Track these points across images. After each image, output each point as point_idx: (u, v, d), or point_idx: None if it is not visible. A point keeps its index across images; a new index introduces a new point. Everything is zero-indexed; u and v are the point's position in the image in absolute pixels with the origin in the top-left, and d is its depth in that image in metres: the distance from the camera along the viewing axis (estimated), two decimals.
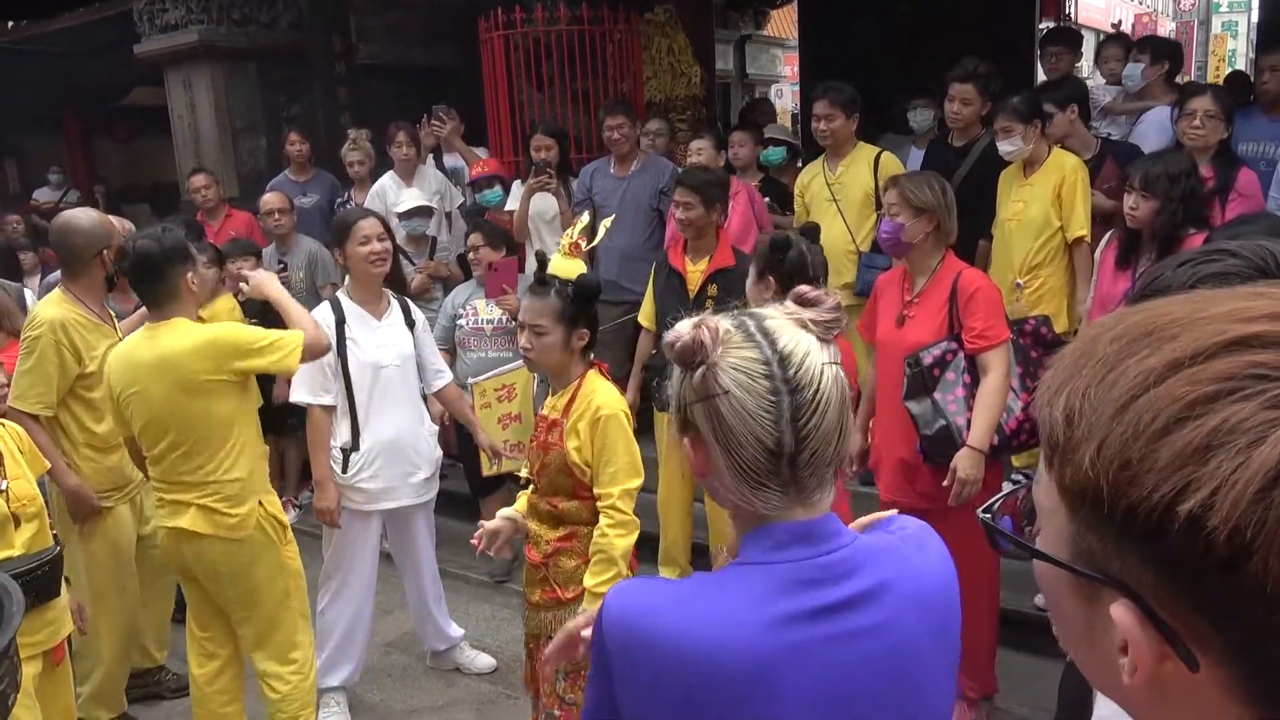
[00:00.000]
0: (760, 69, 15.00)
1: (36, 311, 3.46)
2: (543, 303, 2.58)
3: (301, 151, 6.05)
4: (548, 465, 2.60)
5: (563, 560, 2.63)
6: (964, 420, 3.02)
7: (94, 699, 3.57)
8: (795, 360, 1.09)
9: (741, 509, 1.14)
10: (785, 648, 1.07)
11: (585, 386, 2.62)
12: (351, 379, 3.45)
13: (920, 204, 3.05)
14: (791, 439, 1.08)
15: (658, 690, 1.10)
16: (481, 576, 4.70)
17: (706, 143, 4.87)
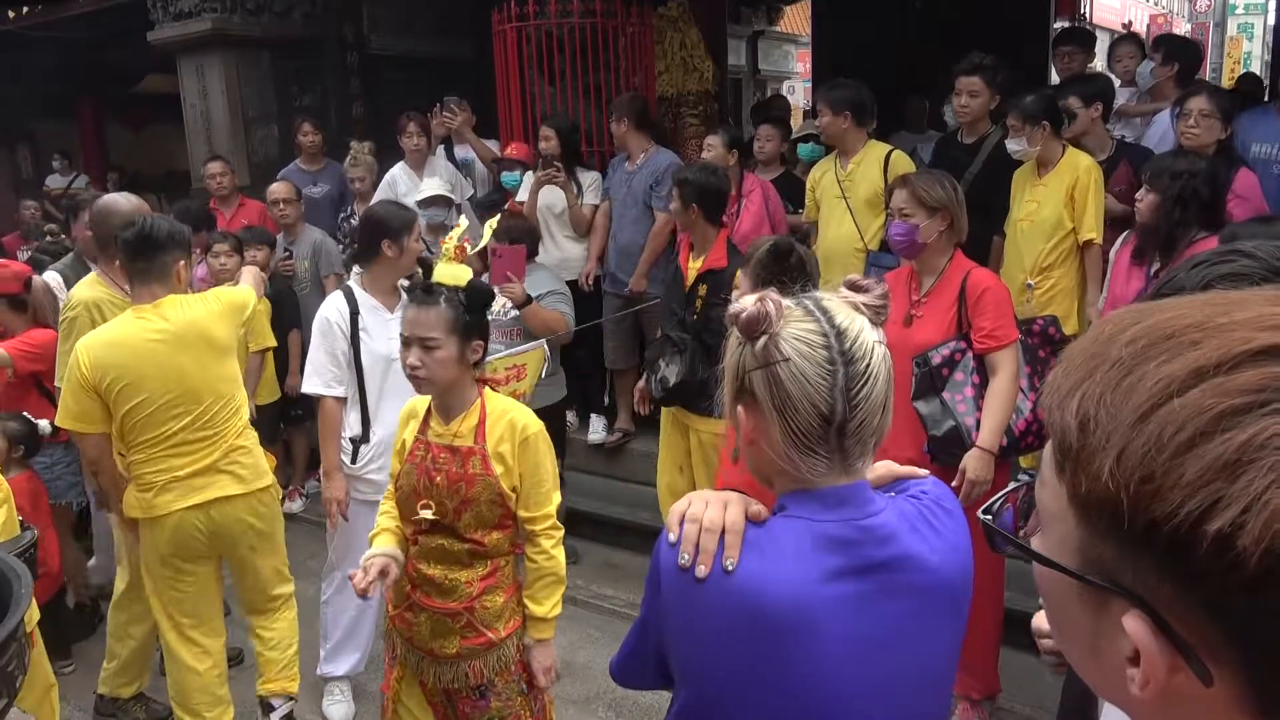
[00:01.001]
0: (773, 65, 14.97)
1: (72, 293, 3.53)
2: (432, 313, 2.34)
3: (313, 142, 6.06)
4: (472, 500, 2.36)
5: (489, 599, 2.42)
6: (973, 421, 3.00)
7: (119, 673, 3.60)
8: (850, 335, 1.20)
9: (786, 474, 1.23)
10: (830, 599, 1.18)
11: (491, 406, 2.42)
12: (364, 370, 3.45)
13: (934, 203, 3.01)
14: (844, 407, 1.18)
15: (714, 632, 1.20)
16: None
17: (717, 139, 4.85)
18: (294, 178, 5.94)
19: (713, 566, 1.18)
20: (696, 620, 1.21)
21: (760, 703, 1.20)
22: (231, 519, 3.18)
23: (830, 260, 4.49)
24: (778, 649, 1.17)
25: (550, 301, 4.18)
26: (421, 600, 2.44)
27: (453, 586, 2.40)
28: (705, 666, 1.23)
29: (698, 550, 1.19)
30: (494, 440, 2.37)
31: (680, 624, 1.23)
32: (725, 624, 1.19)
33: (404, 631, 2.51)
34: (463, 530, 2.37)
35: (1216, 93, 4.03)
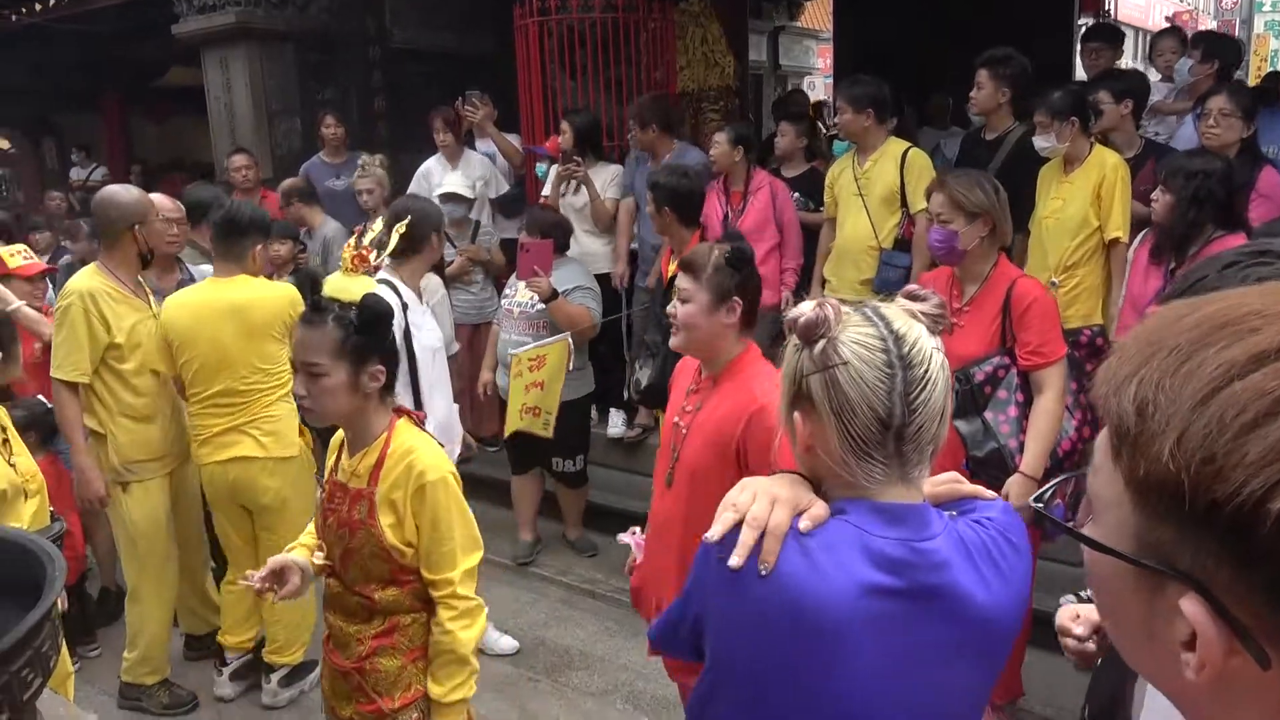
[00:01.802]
0: (794, 61, 14.92)
1: (69, 283, 3.55)
2: (317, 334, 2.03)
3: (336, 134, 6.09)
4: (355, 550, 2.08)
5: (382, 661, 2.11)
6: (1016, 443, 2.85)
7: (140, 663, 3.66)
8: (909, 340, 1.20)
9: (842, 479, 1.22)
10: (870, 615, 1.16)
11: (395, 444, 2.08)
12: (417, 362, 3.49)
13: (974, 207, 2.84)
14: (902, 411, 1.17)
15: (747, 623, 1.20)
16: (504, 560, 4.73)
17: (723, 136, 4.84)
18: (317, 170, 5.98)
19: (747, 561, 1.17)
20: (730, 608, 1.21)
21: (783, 699, 1.20)
22: (249, 478, 3.48)
23: (844, 257, 4.49)
24: (809, 653, 1.17)
25: (577, 296, 4.19)
26: (328, 653, 2.23)
27: (346, 641, 2.15)
28: (735, 652, 1.24)
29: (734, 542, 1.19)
30: (387, 484, 2.05)
31: (716, 607, 1.25)
32: (759, 621, 1.18)
33: (323, 684, 2.30)
34: (350, 582, 2.11)
35: (1238, 91, 3.99)
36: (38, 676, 1.35)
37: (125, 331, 3.45)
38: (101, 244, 3.64)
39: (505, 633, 4.05)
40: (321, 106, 6.65)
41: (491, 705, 3.62)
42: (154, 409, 3.55)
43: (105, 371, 3.47)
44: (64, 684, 2.69)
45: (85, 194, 9.90)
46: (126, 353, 3.47)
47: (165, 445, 3.61)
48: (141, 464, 3.56)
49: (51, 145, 13.37)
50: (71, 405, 3.42)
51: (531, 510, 4.77)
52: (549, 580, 4.58)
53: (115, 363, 3.47)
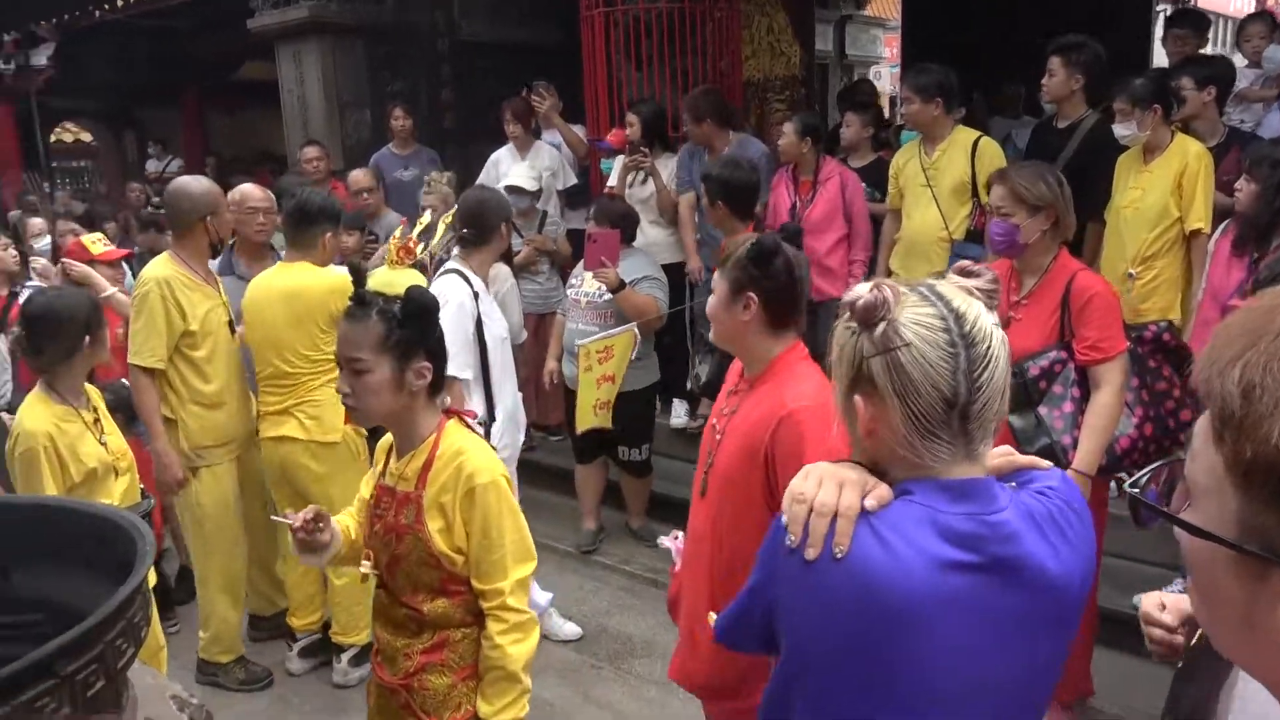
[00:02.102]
0: (860, 50, 14.72)
1: (144, 272, 3.67)
2: (360, 329, 1.94)
3: (405, 126, 6.19)
4: (402, 557, 1.99)
5: (431, 679, 2.01)
6: (1070, 439, 2.78)
7: (212, 642, 3.78)
8: (969, 318, 1.19)
9: (906, 460, 1.21)
10: (946, 594, 1.15)
11: (444, 445, 1.99)
12: (488, 352, 3.54)
13: (1037, 200, 2.77)
14: (966, 389, 1.17)
15: (823, 614, 1.18)
16: (568, 548, 4.77)
17: (790, 126, 4.80)
18: (386, 161, 6.09)
19: (823, 550, 1.16)
20: (805, 599, 1.20)
21: (860, 688, 1.19)
22: (293, 459, 3.62)
23: (913, 249, 4.42)
24: (886, 639, 1.16)
25: (645, 286, 4.20)
26: (375, 668, 2.12)
27: (394, 656, 2.04)
28: (812, 643, 1.22)
29: (806, 532, 1.17)
30: (435, 488, 1.96)
31: (789, 599, 1.23)
32: (834, 607, 1.17)
33: (368, 701, 2.20)
34: (397, 592, 2.01)
35: None
36: (130, 646, 1.40)
37: (199, 319, 3.55)
38: (174, 234, 3.75)
39: (569, 619, 4.09)
40: (391, 99, 6.76)
41: (556, 690, 3.66)
42: (223, 395, 3.65)
43: (178, 358, 3.57)
44: (156, 657, 2.80)
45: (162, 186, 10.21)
46: (199, 340, 3.56)
47: (233, 430, 3.70)
48: (210, 449, 3.66)
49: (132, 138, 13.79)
50: (149, 391, 3.53)
51: (595, 499, 4.81)
52: (612, 569, 4.61)
53: (188, 350, 3.57)
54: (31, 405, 2.86)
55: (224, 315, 3.66)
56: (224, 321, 3.66)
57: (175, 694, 1.75)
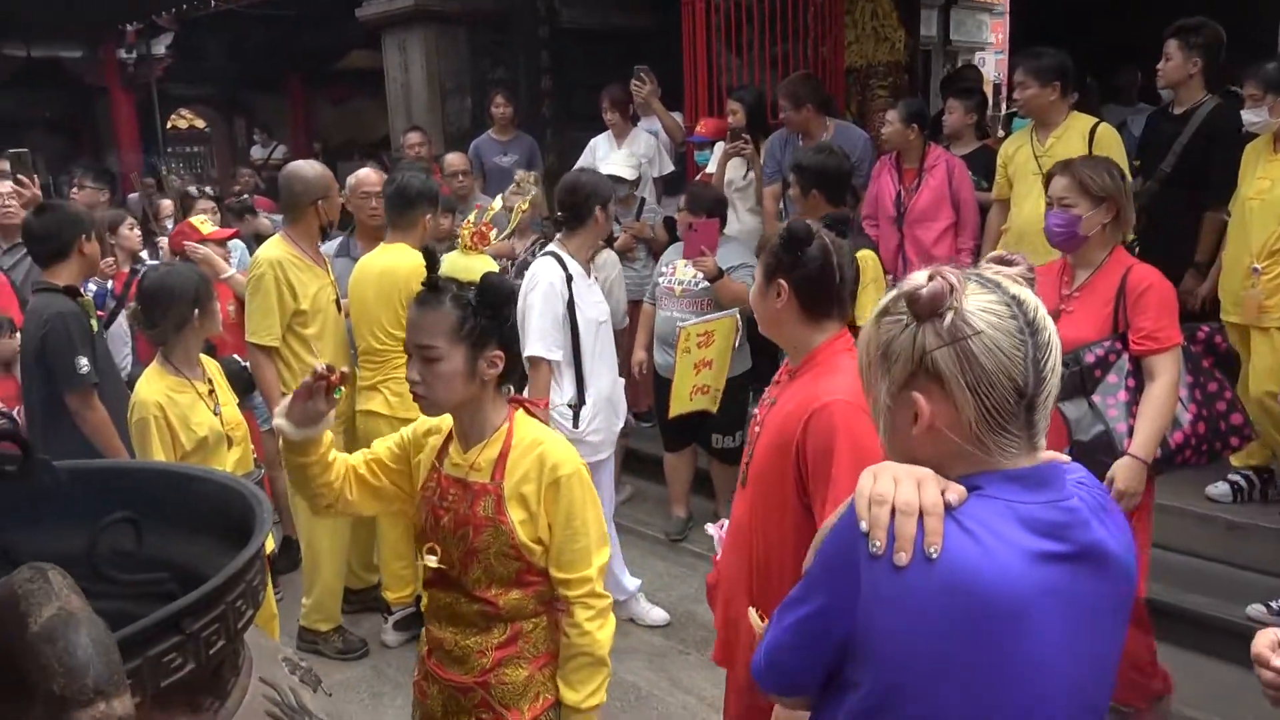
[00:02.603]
0: (965, 36, 14.34)
1: (258, 253, 3.83)
2: (432, 315, 1.88)
3: (505, 113, 6.27)
4: (480, 550, 1.93)
5: (508, 673, 1.97)
6: (1125, 427, 2.74)
7: (314, 610, 3.91)
8: (1030, 305, 1.15)
9: (971, 457, 1.15)
10: (1041, 585, 1.11)
11: (520, 435, 1.96)
12: (580, 335, 3.58)
13: (1099, 191, 2.73)
14: (1034, 379, 1.13)
15: (915, 624, 1.10)
16: (657, 534, 4.79)
17: (895, 114, 4.70)
18: (485, 147, 6.20)
19: (914, 553, 1.10)
20: (897, 610, 1.11)
21: (965, 700, 1.12)
22: (376, 432, 3.58)
23: (1022, 240, 4.27)
24: (991, 640, 1.10)
25: (741, 274, 4.19)
26: (434, 669, 2.05)
27: (464, 655, 1.98)
28: (908, 660, 1.12)
29: (891, 536, 1.10)
30: (515, 479, 1.92)
31: (878, 614, 1.12)
32: (931, 613, 1.09)
33: (420, 704, 2.13)
34: (470, 586, 1.95)
35: None
36: (249, 608, 1.46)
37: (309, 298, 3.70)
38: (286, 215, 3.90)
39: (656, 605, 4.10)
40: (492, 85, 6.85)
41: (643, 675, 3.69)
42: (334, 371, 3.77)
43: (291, 336, 3.72)
44: (269, 625, 2.91)
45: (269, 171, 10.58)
46: (310, 318, 3.72)
47: (340, 405, 3.82)
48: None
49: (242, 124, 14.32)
50: (268, 367, 3.70)
51: (685, 487, 4.81)
52: (700, 556, 4.61)
53: (300, 328, 3.72)
54: (147, 377, 3.01)
55: (332, 294, 3.80)
56: (331, 300, 3.79)
57: (287, 657, 1.82)
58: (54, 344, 3.26)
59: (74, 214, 3.58)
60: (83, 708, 0.73)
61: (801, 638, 1.21)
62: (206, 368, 3.15)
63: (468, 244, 3.57)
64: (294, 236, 3.77)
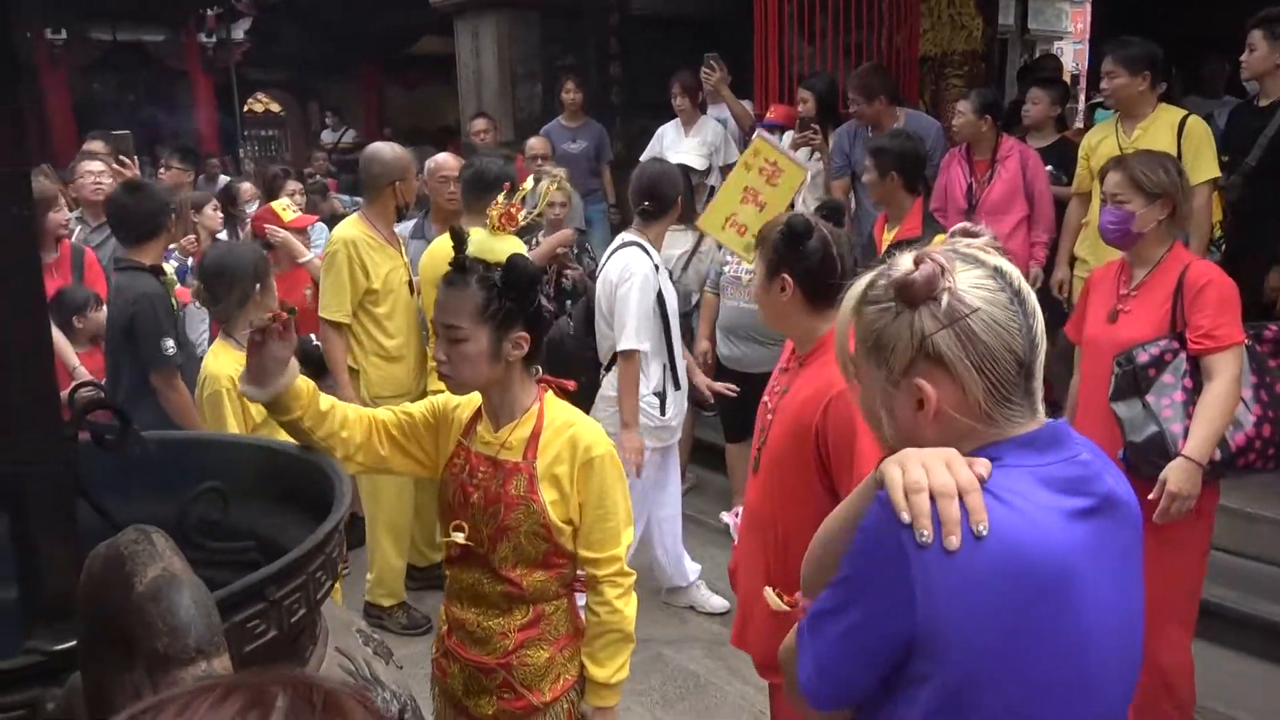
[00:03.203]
0: (1044, 25, 13.97)
1: (334, 232, 3.91)
2: (458, 296, 1.88)
3: (575, 100, 6.29)
4: (511, 528, 1.92)
5: (530, 654, 1.98)
6: (1180, 428, 2.64)
7: (377, 585, 3.99)
8: (1011, 274, 1.16)
9: (977, 433, 1.16)
10: (1078, 542, 1.11)
11: (551, 416, 1.96)
12: (669, 323, 3.61)
13: (1154, 188, 2.68)
14: (1029, 347, 1.14)
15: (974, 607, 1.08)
16: (716, 523, 4.79)
17: (967, 105, 4.61)
18: (555, 133, 6.22)
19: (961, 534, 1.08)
20: (956, 596, 1.08)
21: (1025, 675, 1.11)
22: None
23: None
24: (1045, 606, 1.09)
25: None
26: (455, 648, 2.05)
27: (486, 636, 1.99)
28: (972, 643, 1.09)
29: (936, 522, 1.07)
30: (548, 459, 1.93)
31: (940, 604, 1.09)
32: (991, 591, 1.08)
33: (440, 682, 2.14)
34: (497, 564, 1.95)
35: None
36: (328, 579, 1.51)
37: (381, 278, 3.77)
38: (365, 196, 3.98)
39: (715, 593, 4.11)
40: (561, 72, 6.88)
41: (701, 663, 3.70)
42: (402, 350, 3.87)
43: (362, 314, 3.81)
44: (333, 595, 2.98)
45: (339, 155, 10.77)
46: (381, 297, 3.79)
47: (409, 384, 3.90)
48: (387, 400, 3.85)
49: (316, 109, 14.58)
50: (337, 343, 3.78)
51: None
52: None
53: (371, 306, 3.80)
54: (215, 352, 3.09)
55: (404, 275, 3.86)
56: (404, 281, 3.86)
57: (360, 628, 1.87)
58: (142, 324, 3.33)
59: (163, 194, 3.67)
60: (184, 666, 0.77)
61: (857, 646, 1.15)
62: None
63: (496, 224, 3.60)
64: (370, 217, 3.85)
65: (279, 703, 0.53)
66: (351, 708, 0.54)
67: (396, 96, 14.65)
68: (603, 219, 6.35)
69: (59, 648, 1.11)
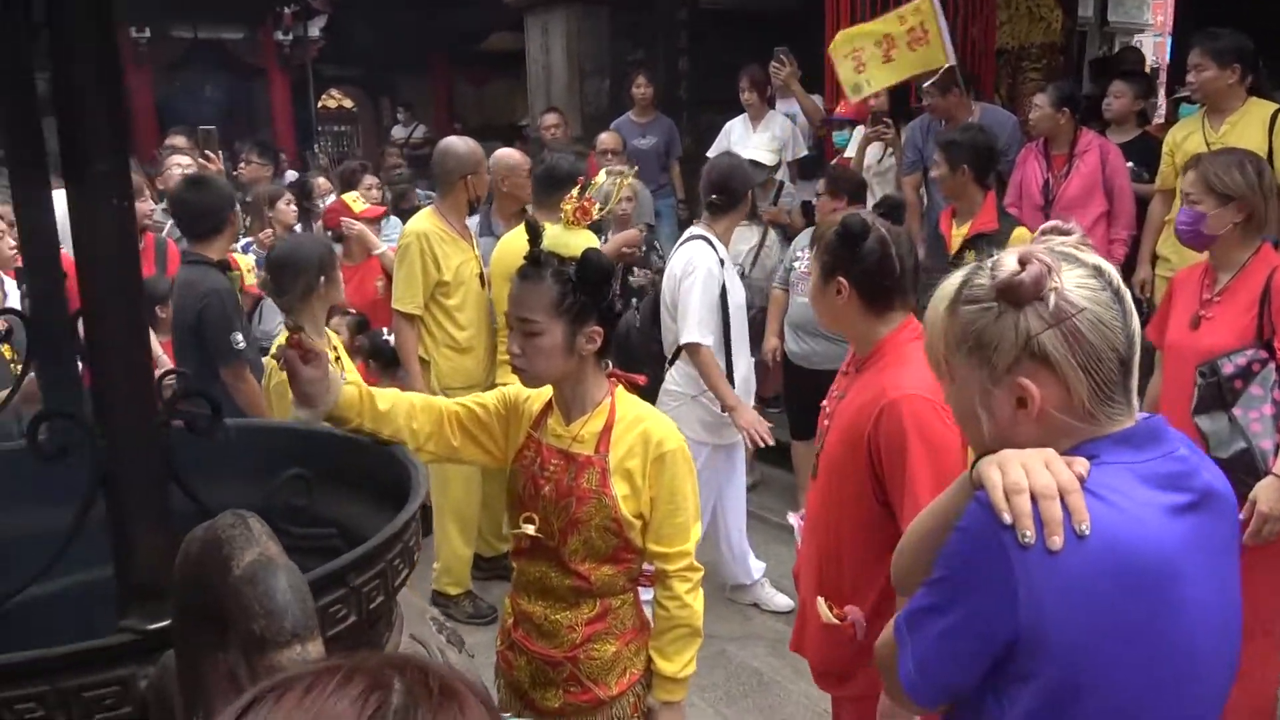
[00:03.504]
0: (1123, 16, 13.54)
1: (407, 225, 3.97)
2: (533, 289, 1.88)
3: (645, 94, 6.28)
4: (582, 522, 1.92)
5: (597, 648, 1.98)
6: (1270, 444, 2.52)
7: (444, 574, 4.05)
8: (1109, 273, 1.15)
9: (1077, 431, 1.15)
10: (1181, 538, 1.10)
11: (623, 410, 1.96)
12: (730, 319, 3.60)
13: (1225, 190, 2.57)
14: (1128, 344, 1.14)
15: (1077, 607, 1.08)
16: (782, 521, 4.75)
17: (1044, 98, 4.50)
18: (625, 128, 6.23)
19: (1064, 534, 1.08)
20: (1060, 596, 1.08)
21: (1129, 675, 1.10)
22: None
23: None
24: (1148, 604, 1.09)
25: None
26: (521, 640, 2.06)
27: (553, 629, 1.99)
28: (1077, 644, 1.09)
29: (1038, 522, 1.07)
30: (620, 453, 1.93)
31: (1045, 605, 1.08)
32: (1096, 592, 1.07)
33: (505, 674, 2.14)
34: (567, 558, 1.95)
35: None
36: (405, 567, 1.53)
37: (452, 270, 3.82)
38: (438, 190, 4.04)
39: (780, 590, 4.08)
40: (629, 67, 6.89)
41: (765, 660, 3.68)
42: (472, 342, 3.91)
43: (434, 305, 3.86)
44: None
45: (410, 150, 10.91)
46: (452, 289, 3.84)
47: (479, 376, 3.94)
48: (457, 390, 3.89)
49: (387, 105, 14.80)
50: (409, 334, 3.84)
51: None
52: None
53: (443, 298, 3.85)
54: (279, 343, 3.15)
55: (475, 268, 3.91)
56: (475, 274, 3.91)
57: (434, 616, 1.90)
58: (211, 319, 3.36)
59: (225, 189, 3.67)
60: (280, 649, 0.78)
61: (957, 645, 1.15)
62: (330, 336, 3.29)
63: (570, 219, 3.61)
64: (443, 210, 3.91)
65: (397, 685, 0.54)
66: (465, 693, 0.55)
67: (466, 93, 14.81)
68: (671, 214, 6.35)
69: (152, 627, 1.15)
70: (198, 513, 1.23)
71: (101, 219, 1.10)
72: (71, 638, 1.15)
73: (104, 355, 1.14)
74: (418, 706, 0.54)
